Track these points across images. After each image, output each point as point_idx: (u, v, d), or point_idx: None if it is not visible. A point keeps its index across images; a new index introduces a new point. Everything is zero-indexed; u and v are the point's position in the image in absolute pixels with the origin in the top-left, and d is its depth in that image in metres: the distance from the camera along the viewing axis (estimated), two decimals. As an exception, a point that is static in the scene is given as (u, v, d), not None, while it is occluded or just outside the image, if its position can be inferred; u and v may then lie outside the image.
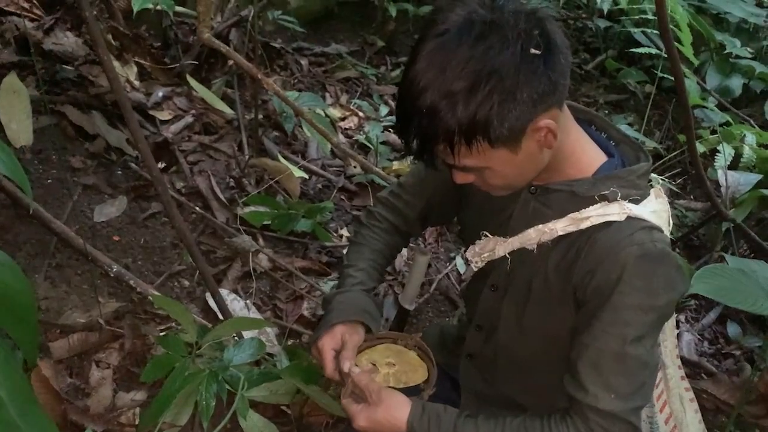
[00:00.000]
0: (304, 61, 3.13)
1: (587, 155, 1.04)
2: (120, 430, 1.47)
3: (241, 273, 1.99)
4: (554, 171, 1.03)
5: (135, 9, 1.91)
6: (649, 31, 3.36)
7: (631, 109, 3.74)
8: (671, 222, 1.08)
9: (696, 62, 2.77)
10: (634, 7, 3.37)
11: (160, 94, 2.43)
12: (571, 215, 1.01)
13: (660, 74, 2.90)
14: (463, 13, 0.90)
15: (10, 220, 1.76)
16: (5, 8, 2.36)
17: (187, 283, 1.91)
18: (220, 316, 1.74)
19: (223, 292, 1.86)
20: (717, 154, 2.68)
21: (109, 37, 2.39)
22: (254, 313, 1.87)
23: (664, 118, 3.50)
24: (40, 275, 1.71)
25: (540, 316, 1.08)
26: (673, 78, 1.91)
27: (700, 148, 2.52)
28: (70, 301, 1.64)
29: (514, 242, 1.08)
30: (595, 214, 0.99)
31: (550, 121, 0.93)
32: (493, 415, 1.06)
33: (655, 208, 1.02)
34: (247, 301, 1.90)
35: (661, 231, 1.00)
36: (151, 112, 2.35)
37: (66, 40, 2.36)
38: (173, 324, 1.73)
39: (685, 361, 2.23)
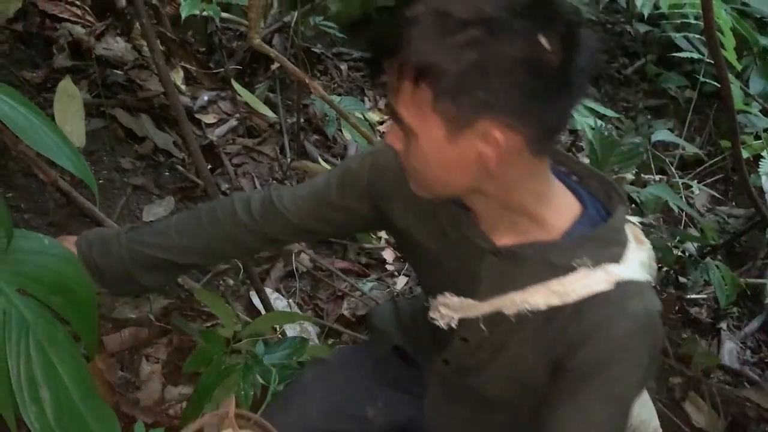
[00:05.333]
0: (343, 66, 3.17)
1: (559, 206, 0.91)
2: (168, 422, 1.52)
3: (284, 273, 2.04)
4: (523, 218, 0.90)
5: (183, 16, 1.98)
6: (690, 35, 3.32)
7: (671, 114, 3.69)
8: (652, 261, 0.96)
9: (739, 67, 2.73)
10: (676, 11, 3.33)
11: (206, 98, 2.49)
12: (552, 288, 0.89)
13: (702, 79, 2.87)
14: None
15: (65, 218, 1.83)
16: (60, 15, 2.45)
17: (231, 281, 1.96)
18: (264, 313, 1.79)
19: (267, 290, 1.90)
20: (761, 159, 2.63)
21: (158, 42, 2.46)
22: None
23: (705, 124, 3.45)
24: (93, 272, 1.78)
25: (513, 368, 0.99)
26: (714, 83, 1.89)
27: (744, 153, 2.49)
28: (122, 296, 1.70)
29: (485, 307, 0.96)
30: (581, 286, 0.87)
31: (504, 139, 0.79)
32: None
33: (640, 258, 0.92)
34: (290, 300, 1.94)
35: (651, 287, 0.91)
36: (196, 116, 2.41)
37: (116, 46, 2.45)
38: (219, 321, 1.78)
39: (727, 370, 2.21)
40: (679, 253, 2.39)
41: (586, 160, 2.81)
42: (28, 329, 0.94)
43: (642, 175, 2.75)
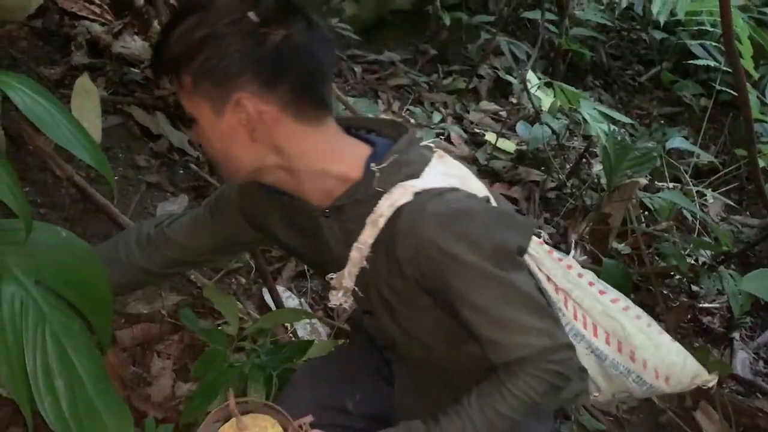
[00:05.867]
0: (357, 68, 3.18)
1: (348, 156, 1.02)
2: (178, 419, 1.52)
3: (295, 272, 2.04)
4: (323, 179, 1.02)
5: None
6: (707, 43, 3.31)
7: (686, 122, 3.68)
8: (473, 173, 1.08)
9: (756, 75, 2.71)
10: (692, 18, 3.32)
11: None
12: (369, 220, 1.00)
13: (718, 87, 2.86)
14: None
15: (80, 213, 1.84)
16: (78, 13, 2.48)
17: (243, 280, 1.97)
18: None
19: (279, 289, 1.91)
20: (776, 169, 2.62)
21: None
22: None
23: (719, 132, 3.43)
24: (107, 267, 1.79)
25: (415, 318, 1.07)
26: (730, 91, 1.89)
27: (760, 162, 2.47)
28: (134, 292, 1.71)
29: (351, 270, 1.06)
30: (385, 207, 0.98)
31: (254, 107, 0.94)
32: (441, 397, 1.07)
33: (444, 170, 1.02)
34: (301, 300, 1.94)
35: (455, 189, 0.99)
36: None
37: (133, 44, 2.46)
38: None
39: (739, 380, 2.19)
40: (692, 261, 2.37)
41: (599, 166, 2.81)
42: (45, 320, 0.95)
43: (655, 182, 2.74)
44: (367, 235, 1.01)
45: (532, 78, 2.88)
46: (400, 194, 0.97)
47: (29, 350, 0.92)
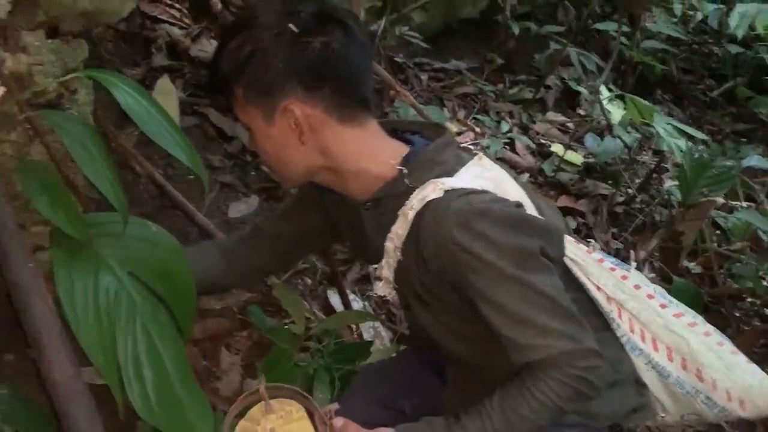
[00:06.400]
0: (423, 76, 3.20)
1: (386, 155, 1.08)
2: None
3: (359, 276, 2.06)
4: (363, 177, 1.08)
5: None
6: (788, 58, 3.19)
7: (760, 140, 3.55)
8: (518, 182, 1.11)
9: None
10: (772, 33, 3.21)
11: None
12: (400, 212, 1.05)
13: (798, 104, 2.75)
14: None
15: (157, 210, 1.91)
16: (159, 17, 2.57)
17: (309, 281, 2.00)
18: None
19: (342, 293, 1.94)
20: None
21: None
22: (370, 317, 1.93)
23: (797, 151, 3.30)
24: (180, 263, 1.84)
25: (447, 314, 1.10)
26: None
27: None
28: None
29: (388, 261, 1.12)
30: (416, 201, 1.03)
31: (302, 112, 1.02)
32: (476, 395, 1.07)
33: (478, 172, 1.06)
34: (365, 303, 1.96)
35: (485, 192, 1.02)
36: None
37: (210, 48, 2.54)
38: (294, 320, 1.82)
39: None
40: (767, 284, 2.28)
41: (670, 182, 2.74)
42: (136, 311, 0.99)
43: (729, 201, 2.65)
44: (399, 227, 1.06)
45: (602, 90, 2.83)
46: (431, 190, 1.02)
47: (121, 339, 0.96)
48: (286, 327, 1.69)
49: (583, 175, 2.78)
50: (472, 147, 1.15)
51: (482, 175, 1.06)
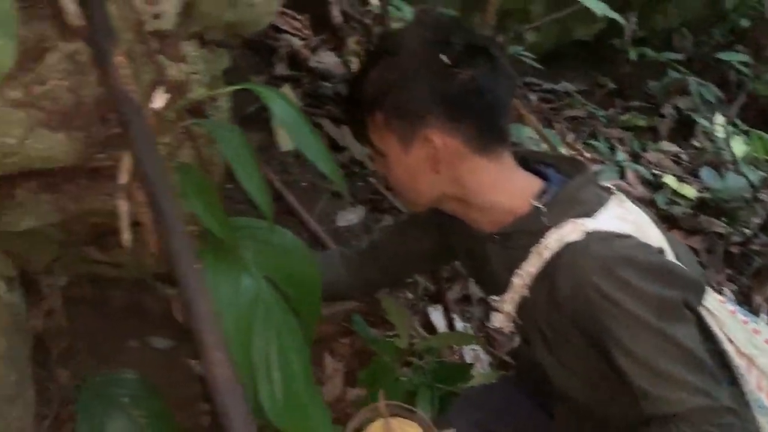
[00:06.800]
0: (533, 96, 3.16)
1: (519, 190, 1.06)
2: (347, 421, 1.58)
3: (460, 296, 2.06)
4: (494, 210, 1.07)
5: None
6: None
7: None
8: (657, 225, 1.06)
9: None
10: None
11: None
12: (534, 250, 1.02)
13: None
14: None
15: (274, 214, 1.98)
16: (281, 27, 2.68)
17: (410, 295, 2.01)
18: (439, 331, 1.83)
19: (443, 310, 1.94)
20: None
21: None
22: (471, 337, 1.93)
23: None
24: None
25: (569, 355, 1.07)
26: None
27: None
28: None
29: (512, 297, 1.09)
30: (553, 241, 0.99)
31: (441, 142, 1.01)
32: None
33: (620, 214, 1.01)
34: (465, 324, 1.95)
35: (628, 236, 0.98)
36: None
37: (328, 60, 2.62)
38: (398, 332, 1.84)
39: None
40: None
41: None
42: (271, 314, 1.03)
43: None
44: (531, 265, 1.04)
45: (722, 122, 2.71)
46: (570, 230, 0.99)
47: (256, 341, 1.00)
48: (389, 339, 1.71)
49: (697, 210, 2.67)
50: (611, 186, 1.10)
51: (624, 217, 1.02)
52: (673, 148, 3.10)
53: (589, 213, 1.01)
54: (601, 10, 2.10)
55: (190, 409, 1.47)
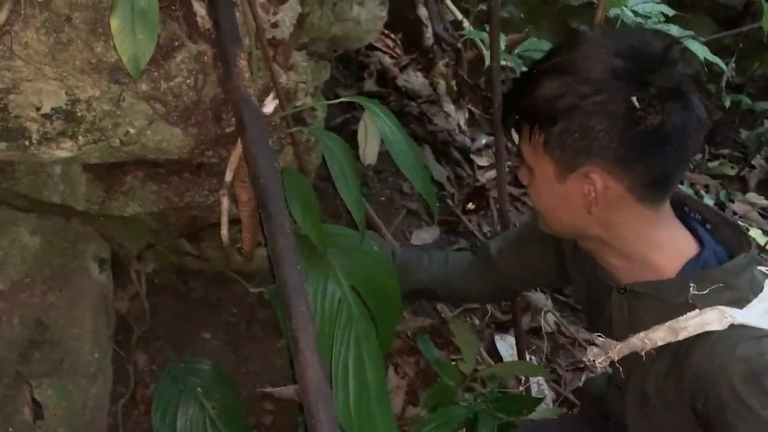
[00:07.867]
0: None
1: (671, 248, 0.96)
2: (405, 439, 1.59)
3: (528, 328, 2.03)
4: (635, 261, 0.98)
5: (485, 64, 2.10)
6: None
7: None
8: None
9: None
10: None
11: (483, 141, 2.60)
12: (669, 324, 0.94)
13: None
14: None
15: (350, 224, 1.98)
16: (374, 44, 2.74)
17: (477, 321, 2.00)
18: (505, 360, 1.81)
19: (509, 339, 1.92)
20: None
21: (453, 83, 2.63)
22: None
23: None
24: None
25: (663, 421, 1.01)
26: None
27: None
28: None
29: (623, 348, 1.03)
30: (693, 324, 0.91)
31: (603, 184, 0.91)
32: None
33: None
34: (532, 357, 1.93)
35: None
36: (472, 156, 2.52)
37: (415, 80, 2.66)
38: (462, 357, 1.83)
39: None
40: None
41: None
42: (353, 322, 1.05)
43: None
44: (659, 337, 0.96)
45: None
46: (714, 318, 0.90)
47: (336, 346, 1.02)
48: (454, 363, 1.70)
49: (784, 267, 2.54)
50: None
51: None
52: (762, 201, 2.98)
53: (740, 301, 0.90)
54: (702, 53, 2.07)
55: (255, 407, 1.50)
